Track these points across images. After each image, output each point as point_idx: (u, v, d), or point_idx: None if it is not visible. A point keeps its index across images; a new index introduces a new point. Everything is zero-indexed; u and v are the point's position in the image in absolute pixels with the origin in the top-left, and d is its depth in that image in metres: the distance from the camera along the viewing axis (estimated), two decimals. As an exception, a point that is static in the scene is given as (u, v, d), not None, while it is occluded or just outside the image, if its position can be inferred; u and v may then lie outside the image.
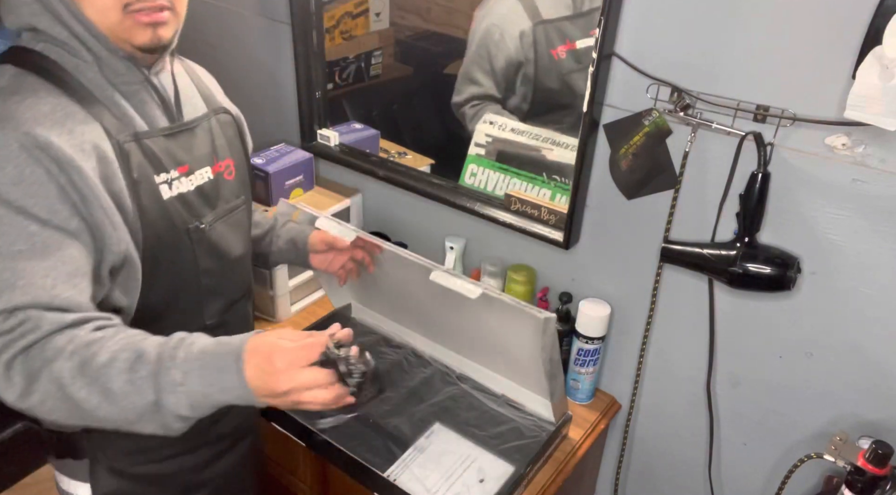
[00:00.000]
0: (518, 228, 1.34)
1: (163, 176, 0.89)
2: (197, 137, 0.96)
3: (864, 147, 0.96)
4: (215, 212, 0.98)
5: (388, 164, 1.56)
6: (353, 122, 1.66)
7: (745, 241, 1.08)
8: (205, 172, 0.96)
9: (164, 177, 0.89)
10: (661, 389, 1.36)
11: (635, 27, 1.09)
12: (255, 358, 0.74)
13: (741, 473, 1.32)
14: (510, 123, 1.38)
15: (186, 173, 0.93)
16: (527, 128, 1.36)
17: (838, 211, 1.02)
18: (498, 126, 1.39)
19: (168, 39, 0.87)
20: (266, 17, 1.61)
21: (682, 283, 1.23)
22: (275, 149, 1.59)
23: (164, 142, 0.90)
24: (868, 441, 1.00)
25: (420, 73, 1.65)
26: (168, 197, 0.89)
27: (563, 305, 1.34)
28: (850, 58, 0.91)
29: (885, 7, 0.86)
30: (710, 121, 1.06)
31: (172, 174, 0.90)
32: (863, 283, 1.04)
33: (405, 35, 1.61)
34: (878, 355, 1.07)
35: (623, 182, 1.21)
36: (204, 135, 0.97)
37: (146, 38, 0.84)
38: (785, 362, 1.17)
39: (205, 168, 0.96)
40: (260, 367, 0.74)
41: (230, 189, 1.01)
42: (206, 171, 0.97)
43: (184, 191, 0.92)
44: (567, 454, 1.26)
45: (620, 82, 1.14)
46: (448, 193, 1.45)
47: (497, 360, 1.28)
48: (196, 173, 0.95)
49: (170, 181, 0.90)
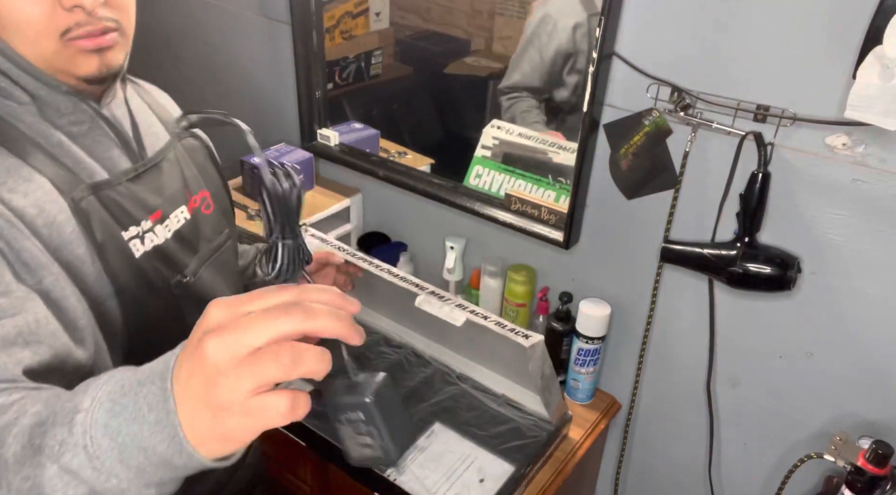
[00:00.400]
0: (518, 228, 1.34)
1: (132, 230, 0.75)
2: (165, 173, 0.82)
3: (864, 147, 0.96)
4: (199, 257, 0.85)
5: (388, 164, 1.56)
6: (353, 122, 1.66)
7: (745, 241, 1.08)
8: (180, 213, 0.83)
9: (134, 230, 0.75)
10: (661, 389, 1.36)
11: (635, 27, 1.09)
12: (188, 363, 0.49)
13: (741, 473, 1.32)
14: (517, 128, 1.38)
15: (160, 219, 0.79)
16: (533, 133, 1.36)
17: (838, 211, 1.02)
18: (505, 130, 1.40)
19: (119, 65, 0.73)
20: (266, 17, 1.61)
21: (682, 283, 1.23)
22: (275, 149, 1.59)
23: (130, 189, 0.76)
24: (868, 441, 1.00)
25: (420, 73, 1.65)
26: (141, 253, 0.76)
27: (563, 305, 1.34)
28: (850, 58, 0.91)
29: (885, 7, 0.86)
30: (711, 121, 1.06)
31: (144, 225, 0.77)
32: (863, 283, 1.04)
33: (405, 35, 1.61)
34: (879, 355, 1.07)
35: (623, 182, 1.21)
36: (172, 169, 0.83)
37: (92, 67, 0.70)
38: (785, 362, 1.17)
39: (180, 208, 0.83)
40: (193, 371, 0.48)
41: (211, 225, 0.89)
42: (182, 211, 0.83)
43: (160, 243, 0.79)
44: (567, 454, 1.26)
45: (620, 82, 1.14)
46: (448, 193, 1.45)
47: (495, 363, 1.28)
48: (171, 217, 0.81)
49: (141, 234, 0.76)
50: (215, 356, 0.45)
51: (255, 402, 0.45)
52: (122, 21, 0.71)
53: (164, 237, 0.79)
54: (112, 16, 0.70)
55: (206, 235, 0.87)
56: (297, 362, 0.45)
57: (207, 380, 0.46)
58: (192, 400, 0.46)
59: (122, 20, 0.71)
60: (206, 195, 0.89)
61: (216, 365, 0.45)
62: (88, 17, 0.67)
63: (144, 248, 0.76)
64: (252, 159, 1.54)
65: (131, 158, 0.78)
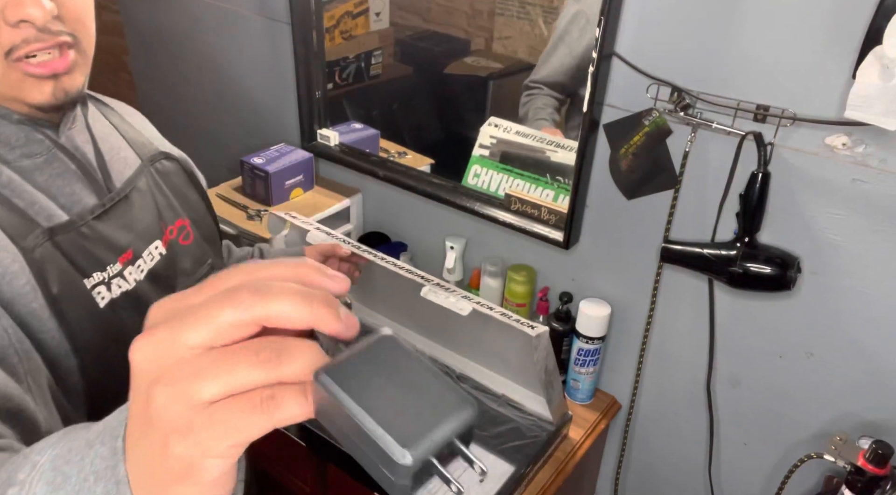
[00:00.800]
0: (518, 228, 1.34)
1: (97, 276, 0.65)
2: (135, 205, 0.72)
3: (864, 147, 0.96)
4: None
5: (388, 164, 1.56)
6: (353, 122, 1.66)
7: (745, 241, 1.08)
8: (154, 249, 0.74)
9: (99, 277, 0.65)
10: (661, 389, 1.36)
11: (635, 27, 1.09)
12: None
13: (741, 473, 1.32)
14: (514, 126, 1.38)
15: (131, 260, 0.69)
16: (531, 131, 1.36)
17: (838, 211, 1.02)
18: (503, 129, 1.40)
19: (78, 89, 0.63)
20: (266, 17, 1.61)
21: (682, 283, 1.23)
22: (275, 149, 1.59)
23: (96, 228, 0.66)
24: (868, 441, 1.00)
25: (420, 73, 1.65)
26: (107, 302, 0.66)
27: (563, 305, 1.34)
28: (850, 58, 0.91)
29: (885, 7, 0.86)
30: (710, 121, 1.06)
31: (111, 269, 0.67)
32: (863, 283, 1.04)
33: (405, 35, 1.61)
34: (879, 355, 1.07)
35: (623, 182, 1.21)
36: (143, 199, 0.74)
37: (45, 94, 0.60)
38: (785, 362, 1.17)
39: (153, 243, 0.74)
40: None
41: (192, 256, 0.80)
42: (156, 246, 0.74)
43: (129, 288, 0.69)
44: (567, 454, 1.26)
45: (620, 82, 1.14)
46: (448, 193, 1.45)
47: (496, 362, 1.28)
48: (144, 255, 0.72)
49: (108, 280, 0.66)
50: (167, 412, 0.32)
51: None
52: (79, 35, 0.61)
53: (136, 279, 0.70)
54: (67, 30, 0.59)
55: (184, 269, 0.77)
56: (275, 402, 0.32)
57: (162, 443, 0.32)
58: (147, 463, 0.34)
59: (79, 34, 0.61)
60: (184, 223, 0.79)
61: (169, 423, 0.32)
62: (38, 33, 0.57)
63: (112, 296, 0.66)
64: (252, 159, 1.54)
65: (97, 192, 0.68)
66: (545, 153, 1.34)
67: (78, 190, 0.66)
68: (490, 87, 1.53)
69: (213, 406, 0.31)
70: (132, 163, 0.75)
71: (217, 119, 1.90)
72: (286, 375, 0.32)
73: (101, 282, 0.65)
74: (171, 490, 0.34)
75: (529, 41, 1.43)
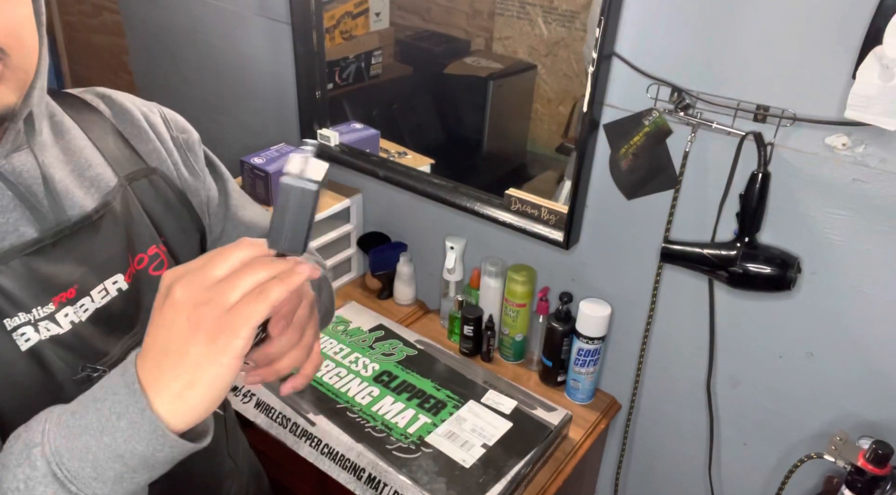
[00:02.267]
0: (518, 228, 1.34)
1: (21, 317, 0.59)
2: (98, 235, 0.65)
3: (864, 147, 0.96)
4: (133, 336, 0.68)
5: (388, 164, 1.56)
6: (353, 122, 1.66)
7: (745, 241, 1.08)
8: (112, 284, 0.66)
9: (23, 318, 0.59)
10: (661, 389, 1.36)
11: (635, 27, 1.09)
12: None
13: (741, 473, 1.32)
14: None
15: (73, 299, 0.63)
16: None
17: (838, 211, 1.02)
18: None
19: (9, 106, 0.56)
20: (266, 17, 1.61)
21: (682, 283, 1.23)
22: (275, 149, 1.59)
23: (28, 265, 0.59)
24: (868, 441, 1.00)
25: (420, 73, 1.65)
26: (32, 346, 0.59)
27: (563, 305, 1.34)
28: (850, 58, 0.91)
29: (885, 7, 0.86)
30: (710, 121, 1.06)
31: (40, 311, 0.60)
32: (863, 283, 1.04)
33: (405, 35, 1.61)
34: (879, 355, 1.07)
35: (623, 182, 1.21)
36: (112, 227, 0.66)
37: None
38: (785, 362, 1.17)
39: (114, 277, 0.66)
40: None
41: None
42: (117, 281, 0.66)
43: (62, 332, 0.61)
44: (567, 454, 1.26)
45: (620, 82, 1.14)
46: (448, 193, 1.45)
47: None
48: (94, 292, 0.64)
49: (35, 321, 0.60)
50: (186, 291, 0.49)
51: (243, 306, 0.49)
52: (7, 48, 0.53)
53: (75, 320, 0.63)
54: None
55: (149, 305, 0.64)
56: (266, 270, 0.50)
57: (189, 320, 0.48)
58: (173, 370, 0.48)
59: (8, 47, 0.53)
60: (158, 251, 0.71)
61: (192, 299, 0.49)
62: None
63: (39, 337, 0.60)
64: (252, 159, 1.54)
65: (39, 223, 0.60)
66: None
67: (13, 220, 0.59)
68: (490, 87, 1.53)
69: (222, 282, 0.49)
70: (105, 184, 0.67)
71: (217, 119, 1.90)
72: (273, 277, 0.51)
73: (26, 322, 0.59)
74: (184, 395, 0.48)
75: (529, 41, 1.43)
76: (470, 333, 1.45)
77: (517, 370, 1.46)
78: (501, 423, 1.24)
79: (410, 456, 1.16)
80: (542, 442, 1.20)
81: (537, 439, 1.21)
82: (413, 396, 1.29)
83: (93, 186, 0.66)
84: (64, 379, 0.62)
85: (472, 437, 1.20)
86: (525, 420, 1.25)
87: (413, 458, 1.16)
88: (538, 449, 1.19)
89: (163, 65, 1.99)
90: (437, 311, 1.63)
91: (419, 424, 1.23)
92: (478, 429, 1.22)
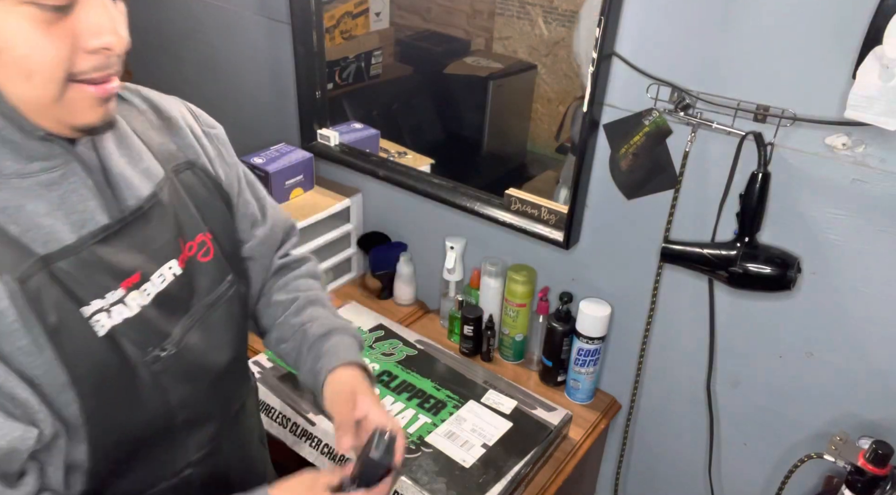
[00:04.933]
0: (518, 228, 1.34)
1: (96, 304, 0.62)
2: (153, 221, 0.69)
3: (864, 147, 0.96)
4: (189, 317, 0.72)
5: (388, 164, 1.56)
6: (353, 122, 1.66)
7: (745, 241, 1.08)
8: (168, 270, 0.70)
9: (98, 304, 0.63)
10: (661, 389, 1.36)
11: (635, 27, 1.09)
12: None
13: (741, 473, 1.32)
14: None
15: (137, 284, 0.66)
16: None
17: (838, 211, 1.02)
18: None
19: (115, 112, 0.64)
20: (266, 17, 1.61)
21: (682, 283, 1.23)
22: (275, 149, 1.59)
23: (98, 253, 0.63)
24: (868, 441, 1.00)
25: (420, 73, 1.65)
26: (108, 330, 0.63)
27: (564, 305, 1.34)
28: (850, 58, 0.91)
29: (885, 7, 0.86)
30: (710, 121, 1.06)
31: (112, 295, 0.64)
32: (863, 283, 1.04)
33: (405, 35, 1.61)
34: (879, 355, 1.07)
35: (623, 182, 1.21)
36: (164, 214, 0.70)
37: (95, 116, 0.59)
38: (785, 362, 1.17)
39: (169, 263, 0.70)
40: None
41: (209, 274, 0.75)
42: (172, 266, 0.70)
43: (132, 315, 0.66)
44: (567, 454, 1.26)
45: (620, 82, 1.14)
46: (448, 193, 1.45)
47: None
48: (154, 277, 0.68)
49: (108, 308, 0.63)
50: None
51: None
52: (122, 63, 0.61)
53: (142, 304, 0.67)
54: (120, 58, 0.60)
55: (201, 289, 0.74)
56: None
57: None
58: None
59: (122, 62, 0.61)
60: (205, 238, 0.75)
61: None
62: (107, 60, 0.57)
63: (112, 323, 0.64)
64: (252, 159, 1.54)
65: (109, 211, 0.65)
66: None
67: (91, 207, 0.63)
68: (490, 87, 1.53)
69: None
70: (154, 175, 0.70)
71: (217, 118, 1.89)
72: None
73: (101, 309, 0.63)
74: None
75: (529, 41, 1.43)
76: (470, 333, 1.45)
77: (517, 370, 1.46)
78: (501, 423, 1.24)
79: (410, 456, 1.16)
80: (542, 442, 1.20)
81: (537, 439, 1.21)
82: (413, 396, 1.29)
83: (145, 177, 0.70)
84: (137, 360, 0.66)
85: (472, 437, 1.21)
86: (525, 420, 1.25)
87: (413, 458, 1.16)
88: (538, 449, 1.19)
89: (163, 65, 1.99)
90: (437, 311, 1.63)
91: (419, 424, 1.23)
92: (478, 429, 1.22)
